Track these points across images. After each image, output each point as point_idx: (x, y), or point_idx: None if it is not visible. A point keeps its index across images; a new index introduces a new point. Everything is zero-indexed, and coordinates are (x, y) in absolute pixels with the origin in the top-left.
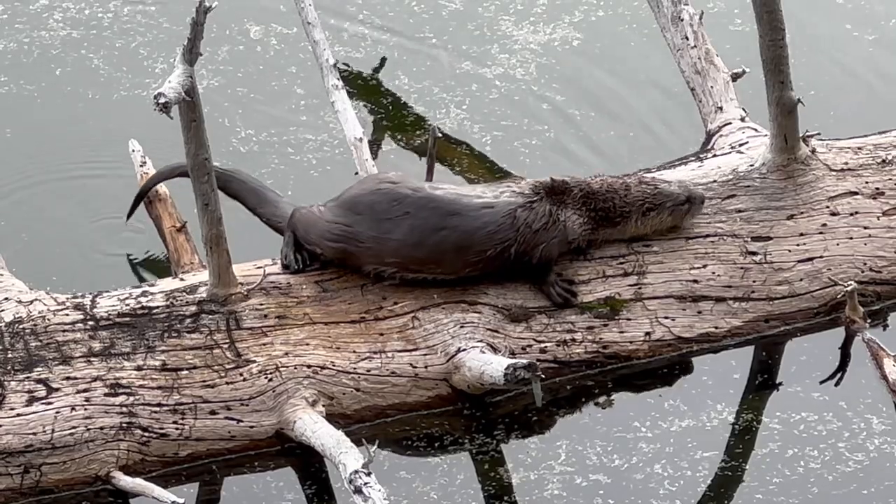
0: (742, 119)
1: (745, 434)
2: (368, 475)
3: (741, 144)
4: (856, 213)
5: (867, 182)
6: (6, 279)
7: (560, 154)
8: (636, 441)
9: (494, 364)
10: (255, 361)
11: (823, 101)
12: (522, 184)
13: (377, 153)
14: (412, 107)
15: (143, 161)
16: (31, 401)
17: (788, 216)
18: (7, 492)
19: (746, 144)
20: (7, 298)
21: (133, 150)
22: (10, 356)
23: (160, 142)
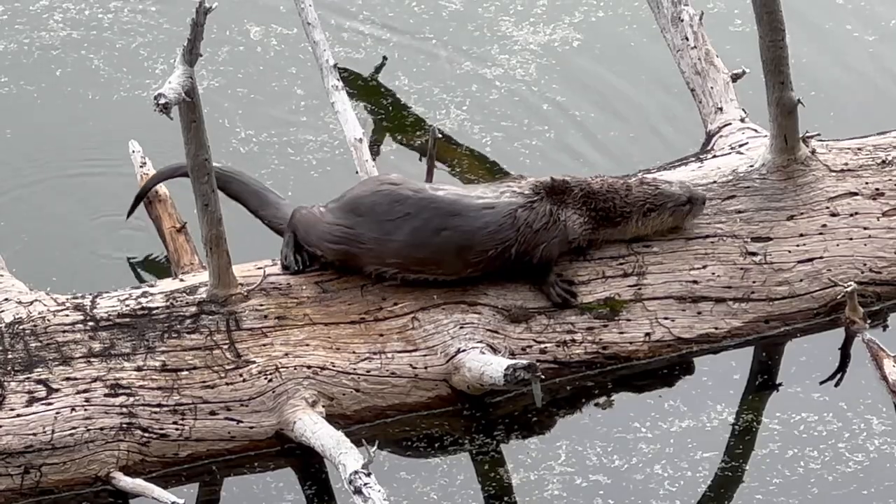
0: (742, 120)
1: (745, 434)
2: (368, 476)
3: (741, 145)
4: (856, 214)
5: (867, 183)
6: (6, 280)
7: (560, 154)
8: (636, 441)
9: (494, 365)
10: (255, 362)
11: (824, 102)
12: (523, 183)
13: (377, 154)
14: (412, 107)
15: (143, 162)
16: (32, 401)
17: (788, 217)
18: (7, 492)
19: (746, 145)
20: (7, 299)
21: (133, 151)
22: (10, 357)
23: (160, 142)
